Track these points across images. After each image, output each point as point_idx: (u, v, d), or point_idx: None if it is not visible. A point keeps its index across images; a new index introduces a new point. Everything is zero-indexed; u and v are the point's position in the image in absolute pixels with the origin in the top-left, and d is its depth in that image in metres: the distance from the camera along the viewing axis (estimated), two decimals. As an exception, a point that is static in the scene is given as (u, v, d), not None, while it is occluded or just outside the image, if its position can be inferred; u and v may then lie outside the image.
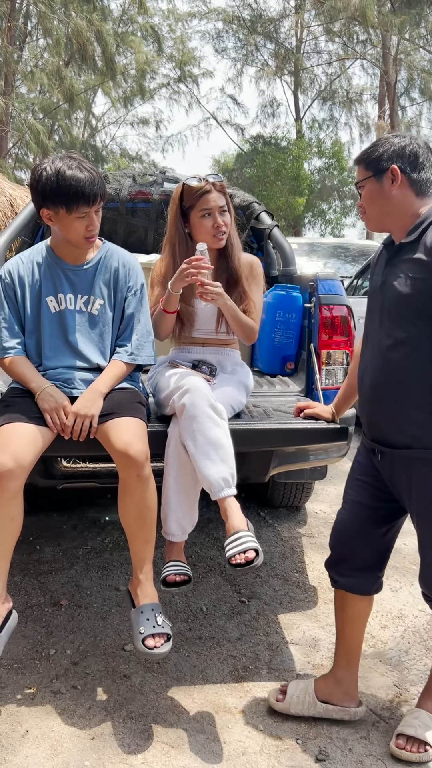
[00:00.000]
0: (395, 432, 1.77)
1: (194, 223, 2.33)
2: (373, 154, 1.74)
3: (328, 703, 1.98)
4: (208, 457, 1.97)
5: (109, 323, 2.19)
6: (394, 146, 1.72)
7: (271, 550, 3.15)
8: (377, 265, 1.90)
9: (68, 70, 18.24)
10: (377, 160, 1.73)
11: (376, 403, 1.80)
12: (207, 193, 2.28)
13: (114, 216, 3.83)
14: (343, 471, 4.38)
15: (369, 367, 1.83)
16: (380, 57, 20.31)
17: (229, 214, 2.35)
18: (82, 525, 3.41)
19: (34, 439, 1.94)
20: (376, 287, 1.85)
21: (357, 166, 1.80)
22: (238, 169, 23.97)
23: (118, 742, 1.88)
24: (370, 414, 1.85)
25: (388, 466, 1.83)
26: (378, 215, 1.78)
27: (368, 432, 1.89)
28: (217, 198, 2.29)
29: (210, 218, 2.30)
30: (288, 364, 3.02)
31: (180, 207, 2.35)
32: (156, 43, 21.70)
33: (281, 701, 2.00)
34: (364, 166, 1.77)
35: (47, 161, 2.00)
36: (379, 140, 1.77)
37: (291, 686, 2.02)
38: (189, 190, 2.30)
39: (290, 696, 1.99)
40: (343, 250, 8.77)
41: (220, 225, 2.30)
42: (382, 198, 1.74)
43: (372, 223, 1.82)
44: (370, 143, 1.82)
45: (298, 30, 22.72)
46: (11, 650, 2.29)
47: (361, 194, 1.81)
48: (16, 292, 2.14)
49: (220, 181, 2.31)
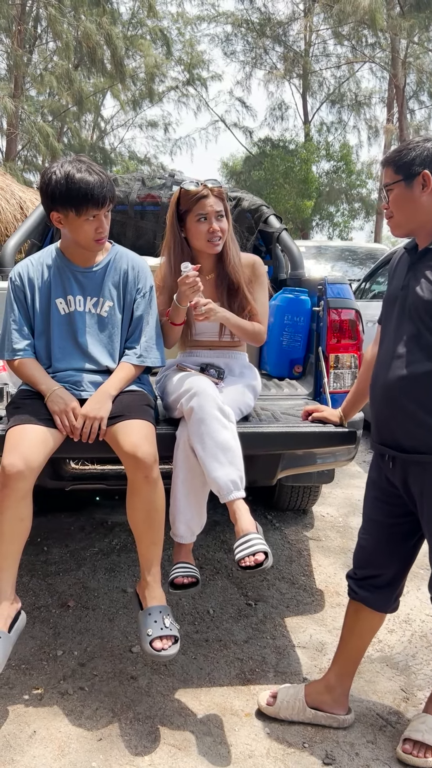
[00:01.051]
0: (407, 436, 1.76)
1: (190, 228, 2.32)
2: (405, 157, 1.71)
3: (317, 709, 1.97)
4: (217, 459, 1.98)
5: (118, 325, 2.20)
6: (427, 150, 1.69)
7: (278, 554, 3.15)
8: (397, 269, 1.88)
9: (77, 73, 18.33)
10: (409, 164, 1.70)
11: (389, 406, 1.79)
12: (204, 197, 2.26)
13: (123, 219, 3.85)
14: (350, 474, 4.37)
15: (383, 370, 1.82)
16: (389, 60, 20.28)
17: (226, 220, 2.33)
18: (90, 526, 3.42)
19: (44, 440, 1.95)
20: (396, 291, 1.83)
21: (385, 168, 1.76)
22: (246, 171, 23.99)
23: (125, 743, 1.88)
24: (381, 417, 1.84)
25: (399, 472, 1.82)
26: (406, 220, 1.76)
27: (378, 436, 1.88)
28: (214, 203, 2.27)
29: (205, 223, 2.28)
30: (296, 367, 3.02)
31: (177, 211, 2.34)
32: (165, 46, 21.77)
33: (271, 705, 2.00)
34: (394, 169, 1.73)
35: (57, 164, 2.02)
36: (411, 143, 1.73)
37: (281, 691, 2.02)
38: (186, 194, 2.29)
39: (280, 701, 1.99)
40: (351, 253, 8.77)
41: (215, 230, 2.28)
42: (411, 203, 1.72)
43: (398, 228, 1.80)
44: (401, 144, 1.77)
45: (307, 33, 22.72)
46: (19, 651, 2.30)
47: (388, 197, 1.77)
48: (26, 294, 2.15)
49: (218, 187, 2.29)
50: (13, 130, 16.88)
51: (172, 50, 22.38)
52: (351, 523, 3.60)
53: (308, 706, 1.98)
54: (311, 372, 2.85)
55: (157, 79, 21.82)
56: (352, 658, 2.01)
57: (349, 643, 2.00)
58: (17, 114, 16.69)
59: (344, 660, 2.01)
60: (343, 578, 2.93)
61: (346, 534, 3.45)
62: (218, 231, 2.28)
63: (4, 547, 1.88)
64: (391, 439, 1.81)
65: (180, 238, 2.35)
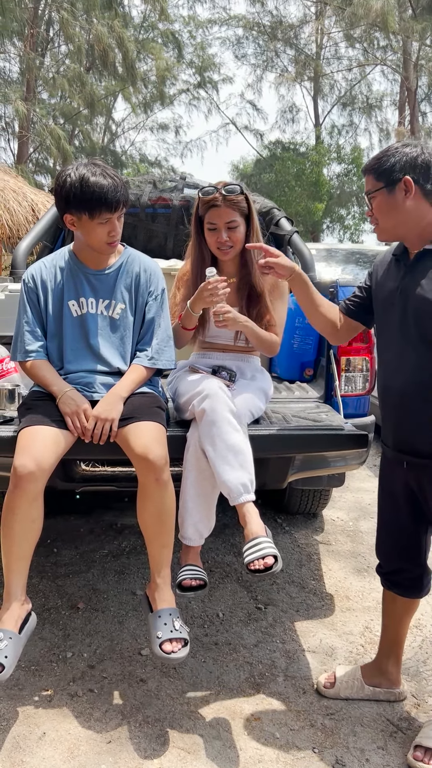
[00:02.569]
0: (425, 442, 1.76)
1: (204, 233, 2.35)
2: (384, 164, 1.71)
3: (375, 686, 2.09)
4: (227, 462, 1.97)
5: (130, 327, 2.20)
6: (407, 156, 1.69)
7: (288, 557, 3.14)
8: (388, 275, 1.86)
9: (89, 76, 18.40)
10: (389, 171, 1.70)
11: (406, 412, 1.79)
12: (214, 207, 2.26)
13: (134, 221, 3.85)
14: (360, 478, 4.36)
15: (397, 375, 1.81)
16: (401, 63, 20.23)
17: (247, 226, 2.32)
18: (100, 528, 3.43)
19: (55, 442, 1.95)
20: (392, 296, 1.82)
21: (366, 176, 1.77)
22: (257, 174, 23.98)
23: (134, 746, 1.88)
24: (397, 423, 1.84)
25: (416, 476, 1.83)
26: (391, 226, 1.77)
27: (394, 443, 1.88)
28: (224, 214, 2.26)
29: (215, 233, 2.29)
30: (307, 370, 3.01)
31: (197, 214, 2.36)
32: (176, 49, 21.82)
33: (329, 687, 2.11)
34: (375, 176, 1.73)
35: (71, 167, 2.03)
36: (389, 150, 1.73)
37: (339, 671, 2.13)
38: (201, 200, 2.31)
39: (339, 681, 2.10)
40: (361, 256, 8.74)
41: (223, 242, 2.28)
42: (395, 209, 1.72)
43: (384, 234, 1.80)
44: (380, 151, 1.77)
45: (319, 36, 22.71)
46: (29, 652, 2.30)
47: (371, 204, 1.78)
48: (38, 296, 2.16)
49: (234, 195, 2.26)
50: (24, 132, 16.97)
51: (184, 53, 22.43)
52: (361, 527, 3.58)
53: (367, 685, 2.09)
54: (322, 375, 2.84)
55: (168, 82, 21.84)
56: (397, 641, 2.11)
57: (390, 628, 2.10)
58: (29, 117, 16.77)
59: (389, 644, 2.11)
60: (353, 582, 2.92)
61: (356, 538, 3.44)
62: (226, 242, 2.28)
63: (15, 548, 1.89)
64: (407, 444, 1.81)
65: (201, 241, 2.36)
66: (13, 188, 8.65)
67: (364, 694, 2.09)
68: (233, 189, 2.27)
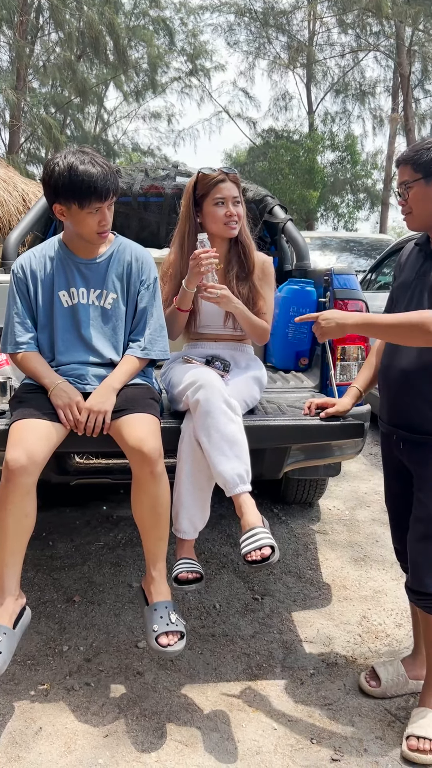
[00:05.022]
0: (421, 419, 1.82)
1: (207, 212, 2.32)
2: (423, 156, 1.79)
3: (418, 679, 2.08)
4: (223, 453, 1.95)
5: (122, 317, 2.17)
6: None
7: (285, 547, 3.13)
8: (407, 263, 1.96)
9: (80, 64, 18.22)
10: (428, 163, 1.78)
11: (407, 390, 1.84)
12: (221, 182, 2.28)
13: (126, 210, 3.81)
14: (357, 467, 4.35)
15: (398, 355, 1.88)
16: (394, 48, 20.08)
17: (242, 207, 2.34)
18: (95, 521, 3.41)
19: (48, 435, 1.93)
20: (407, 282, 1.91)
21: (402, 167, 1.85)
22: (251, 162, 23.84)
23: (131, 739, 1.87)
24: (396, 399, 1.90)
25: (408, 453, 1.89)
26: (424, 216, 1.85)
27: (389, 418, 1.95)
28: (231, 188, 2.30)
29: (223, 207, 2.30)
30: (302, 359, 2.99)
31: (193, 196, 2.33)
32: (168, 36, 21.60)
33: (376, 687, 2.08)
34: (413, 167, 1.81)
35: (60, 156, 1.99)
36: (427, 143, 1.82)
37: (381, 671, 2.10)
38: (203, 179, 2.30)
39: (385, 681, 2.08)
40: (356, 244, 8.71)
41: (232, 214, 2.30)
42: (430, 200, 1.81)
43: (416, 223, 1.88)
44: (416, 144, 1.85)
45: (311, 22, 22.51)
46: (24, 646, 2.29)
47: (404, 194, 1.85)
48: (28, 286, 2.13)
49: (234, 173, 2.32)
50: (16, 122, 16.81)
51: (175, 40, 22.22)
52: (358, 517, 3.58)
53: (410, 679, 2.08)
54: (317, 364, 2.82)
55: (159, 70, 21.66)
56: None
57: (417, 613, 2.09)
58: (20, 106, 16.61)
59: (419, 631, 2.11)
60: (350, 572, 2.91)
61: (353, 527, 3.43)
62: (235, 215, 2.31)
63: (9, 542, 1.86)
64: (404, 420, 1.88)
65: (195, 224, 2.35)
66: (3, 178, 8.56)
67: (408, 689, 2.08)
68: (231, 169, 2.33)
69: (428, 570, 1.84)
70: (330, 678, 2.17)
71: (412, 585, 1.89)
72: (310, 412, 2.26)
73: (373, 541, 3.26)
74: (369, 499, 3.85)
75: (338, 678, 2.17)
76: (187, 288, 2.24)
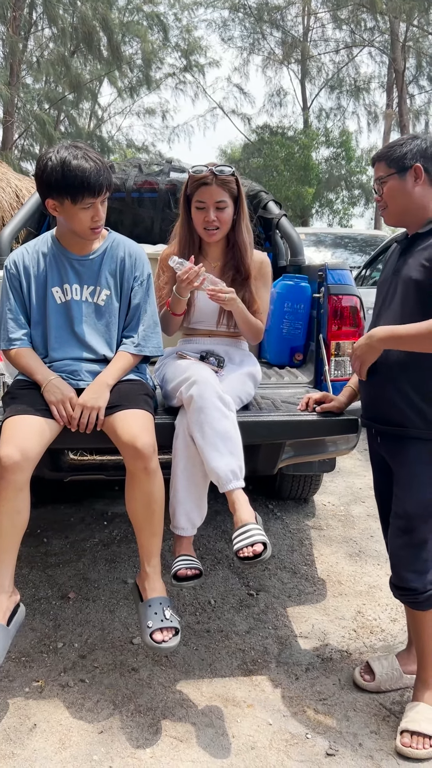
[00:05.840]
0: (397, 413, 1.83)
1: (192, 213, 2.31)
2: (396, 152, 1.83)
3: (412, 673, 2.07)
4: (216, 449, 1.95)
5: (116, 314, 2.16)
6: (418, 146, 1.82)
7: (280, 543, 3.14)
8: (390, 260, 2.00)
9: (74, 60, 18.13)
10: (401, 158, 1.82)
11: (385, 385, 1.86)
12: (205, 185, 2.24)
13: (120, 206, 3.79)
14: (351, 463, 4.35)
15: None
16: (388, 44, 20.06)
17: (236, 209, 2.30)
18: (90, 517, 3.40)
19: (41, 431, 1.92)
20: (388, 276, 1.94)
21: (378, 163, 1.88)
22: (245, 159, 23.79)
23: (126, 736, 1.87)
24: (373, 393, 1.91)
25: (385, 447, 1.92)
26: (399, 210, 1.87)
27: (366, 412, 1.98)
28: (215, 192, 2.23)
29: (203, 212, 2.26)
30: (296, 355, 2.99)
31: (185, 193, 2.32)
32: (162, 32, 21.52)
33: (370, 681, 2.08)
34: (387, 163, 1.85)
35: (53, 150, 1.97)
36: (401, 140, 1.86)
37: (375, 666, 2.10)
38: (191, 178, 2.28)
39: (380, 675, 2.08)
40: (351, 241, 8.70)
41: (210, 221, 2.26)
42: (404, 194, 1.84)
43: (392, 218, 1.91)
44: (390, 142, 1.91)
45: (305, 17, 22.46)
46: (19, 643, 2.28)
47: (379, 190, 1.88)
48: (21, 282, 2.12)
49: (225, 174, 2.24)
50: (9, 118, 16.72)
51: (169, 36, 22.14)
52: (352, 512, 3.58)
53: (405, 673, 2.09)
54: (312, 360, 2.82)
55: (154, 66, 21.58)
56: None
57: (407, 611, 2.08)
58: (13, 102, 16.52)
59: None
60: (344, 567, 2.92)
61: (348, 523, 3.44)
62: (214, 221, 2.26)
63: (2, 539, 1.86)
64: (380, 414, 1.90)
65: (189, 222, 2.33)
66: (-3, 174, 8.53)
67: (403, 683, 2.08)
68: (225, 169, 2.25)
69: (407, 565, 1.85)
70: (325, 673, 2.17)
71: (395, 580, 1.90)
72: (307, 407, 2.26)
73: (368, 536, 3.26)
74: (364, 495, 3.85)
75: (333, 673, 2.17)
76: (180, 295, 2.23)
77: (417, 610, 1.87)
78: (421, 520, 1.83)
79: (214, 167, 2.25)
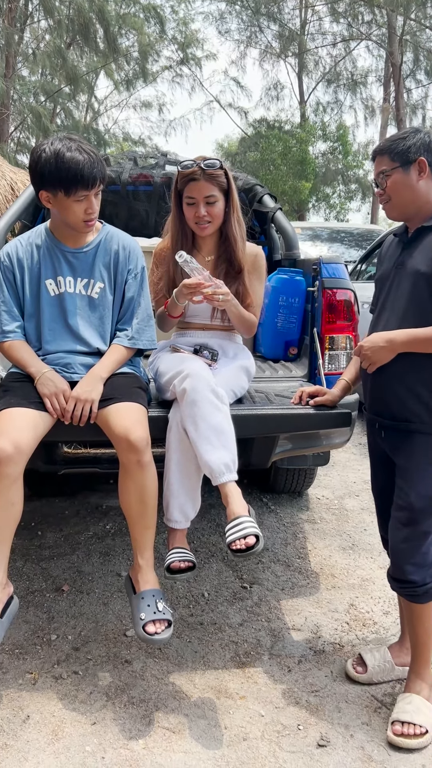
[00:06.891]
0: (402, 408, 1.83)
1: (183, 208, 2.31)
2: (399, 146, 1.83)
3: (404, 665, 2.09)
4: (209, 442, 1.95)
5: (110, 307, 2.16)
6: (422, 140, 1.83)
7: (274, 536, 3.15)
8: (388, 253, 1.99)
9: (70, 52, 18.03)
10: (405, 151, 1.82)
11: (390, 379, 1.85)
12: (193, 180, 2.24)
13: (115, 199, 3.78)
14: (345, 456, 4.36)
15: None
16: (386, 38, 19.99)
17: (226, 202, 2.30)
18: (84, 510, 3.41)
19: (34, 424, 1.92)
20: (388, 270, 1.93)
21: (380, 157, 1.88)
22: (242, 153, 23.71)
23: (119, 727, 1.87)
24: (377, 387, 1.91)
25: (389, 441, 1.91)
26: (402, 204, 1.87)
27: (371, 406, 1.97)
28: (204, 188, 2.23)
29: (193, 207, 2.27)
30: (291, 349, 2.99)
31: (176, 189, 2.32)
32: (158, 24, 21.40)
33: (362, 673, 2.09)
34: (390, 156, 1.85)
35: (46, 142, 1.97)
36: (403, 134, 1.86)
37: (368, 658, 2.11)
38: (180, 174, 2.28)
39: (372, 667, 2.09)
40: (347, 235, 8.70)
41: (200, 216, 2.26)
42: (408, 187, 1.84)
43: (395, 211, 1.90)
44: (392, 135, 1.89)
45: (303, 10, 22.36)
46: (12, 635, 2.29)
47: (381, 184, 1.88)
48: (15, 275, 2.11)
49: (213, 169, 2.23)
50: (5, 110, 16.64)
51: (166, 29, 22.01)
52: (346, 506, 3.59)
53: (396, 665, 2.10)
54: (306, 354, 2.82)
55: (150, 59, 21.46)
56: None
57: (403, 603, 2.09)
58: (9, 94, 16.43)
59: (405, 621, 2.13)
60: (338, 560, 2.93)
61: (342, 516, 3.45)
62: (205, 216, 2.26)
63: (-5, 532, 1.86)
64: (385, 408, 1.90)
65: (179, 216, 2.34)
66: (-8, 167, 8.49)
67: (394, 675, 2.09)
68: (213, 163, 2.24)
69: (409, 557, 1.85)
70: (317, 665, 2.18)
71: (394, 573, 1.91)
72: (301, 400, 2.27)
73: (362, 529, 3.27)
74: (358, 489, 3.86)
75: (325, 665, 2.18)
76: (178, 301, 2.23)
77: (415, 603, 1.88)
78: (425, 513, 1.83)
79: (203, 161, 2.23)
